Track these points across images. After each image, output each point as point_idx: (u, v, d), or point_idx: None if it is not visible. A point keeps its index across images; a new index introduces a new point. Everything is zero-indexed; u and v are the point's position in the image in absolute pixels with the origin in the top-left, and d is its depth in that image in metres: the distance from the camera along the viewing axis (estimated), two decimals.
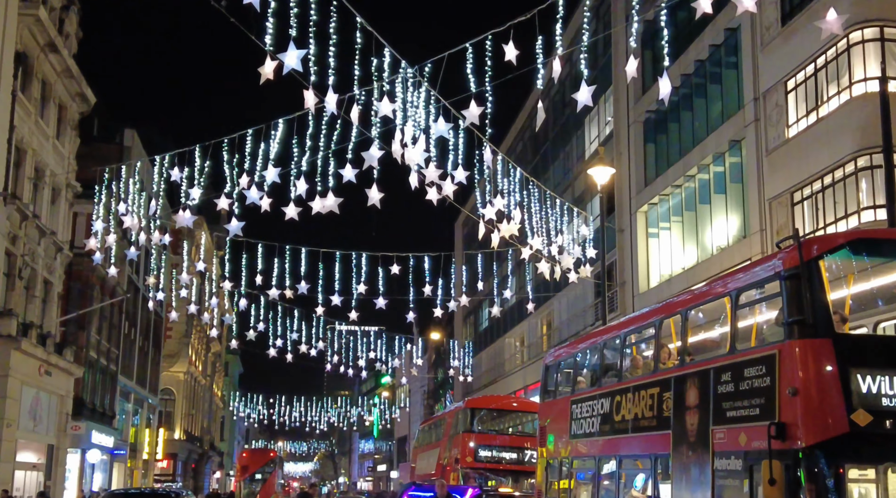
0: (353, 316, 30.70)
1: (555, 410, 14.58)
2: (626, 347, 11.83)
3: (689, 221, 27.13)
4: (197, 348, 65.60)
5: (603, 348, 12.60)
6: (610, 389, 12.07)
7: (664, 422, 10.18)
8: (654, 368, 10.93)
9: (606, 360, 12.61)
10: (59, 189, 30.78)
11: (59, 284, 31.01)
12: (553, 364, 15.25)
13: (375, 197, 16.87)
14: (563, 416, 13.74)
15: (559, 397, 14.56)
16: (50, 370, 28.42)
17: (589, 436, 12.58)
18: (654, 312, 11.44)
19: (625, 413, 11.30)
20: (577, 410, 13.14)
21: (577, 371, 13.79)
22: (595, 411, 12.40)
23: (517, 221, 20.69)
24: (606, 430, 11.94)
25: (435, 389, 79.89)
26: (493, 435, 23.70)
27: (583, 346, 13.86)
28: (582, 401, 13.07)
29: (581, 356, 13.76)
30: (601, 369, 12.63)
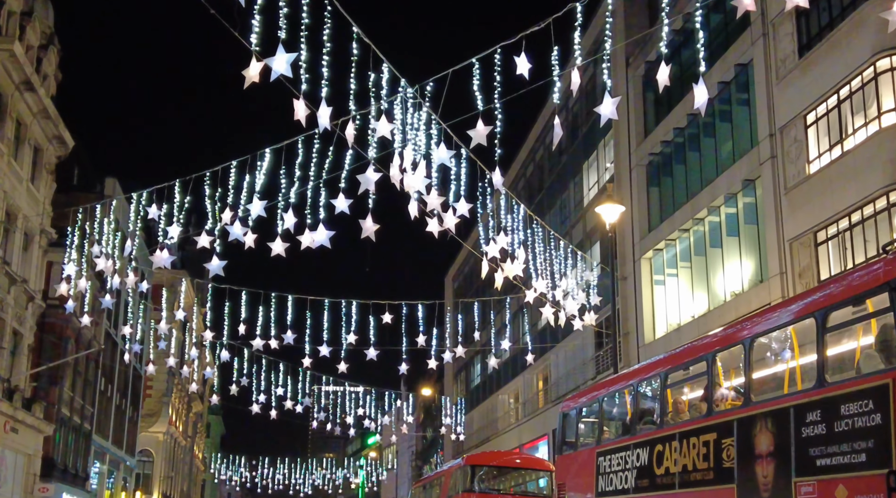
0: (342, 368, 29.01)
1: (576, 464, 12.91)
2: (667, 387, 10.26)
3: (699, 267, 25.73)
4: (177, 408, 63.25)
5: (637, 391, 11.02)
6: (647, 437, 10.48)
7: (725, 474, 8.58)
8: (707, 410, 9.34)
9: (642, 404, 11.02)
10: (32, 235, 29.16)
11: (29, 335, 29.18)
12: (572, 412, 13.62)
13: (370, 229, 15.30)
14: (587, 471, 12.10)
15: (581, 449, 12.90)
16: (16, 427, 26.44)
17: (621, 494, 10.93)
18: (707, 345, 9.86)
19: (669, 465, 9.70)
20: (605, 464, 11.50)
21: (603, 419, 12.17)
22: (629, 464, 10.78)
23: (521, 262, 19.30)
24: (644, 485, 10.30)
25: (424, 450, 77.42)
26: (495, 494, 21.81)
27: (610, 390, 12.25)
28: (611, 452, 11.44)
29: (608, 401, 12.15)
30: (635, 415, 11.03)
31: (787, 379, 8.46)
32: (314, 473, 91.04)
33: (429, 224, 15.86)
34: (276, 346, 26.71)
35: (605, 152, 34.22)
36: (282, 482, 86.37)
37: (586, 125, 36.85)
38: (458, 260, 61.72)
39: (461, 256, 60.48)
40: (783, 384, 8.48)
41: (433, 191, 14.60)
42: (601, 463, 11.66)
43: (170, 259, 18.70)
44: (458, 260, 61.99)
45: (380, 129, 13.80)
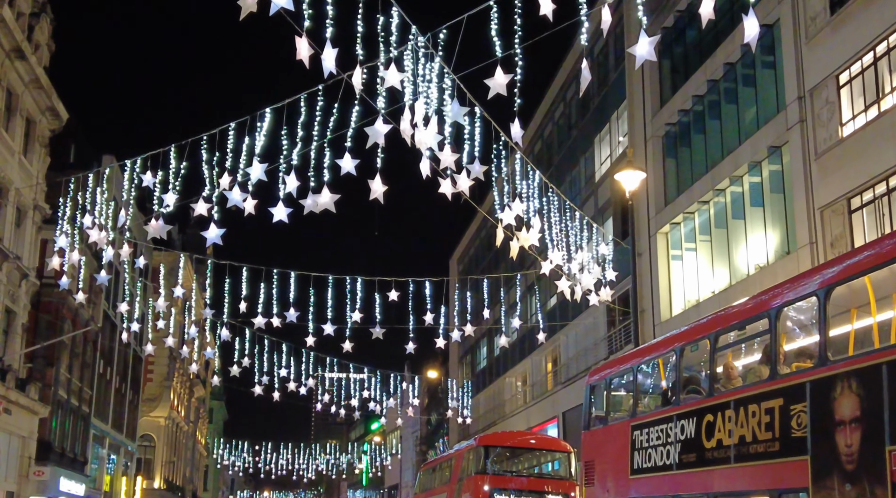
0: (347, 347, 27.94)
1: (606, 440, 11.87)
2: (717, 351, 9.19)
3: (720, 240, 24.64)
4: (179, 392, 62.38)
5: (680, 357, 9.95)
6: (694, 407, 9.43)
7: (795, 445, 7.53)
8: (770, 373, 8.26)
9: (686, 371, 9.95)
10: (24, 210, 28.11)
11: (23, 313, 28.16)
12: (601, 384, 12.56)
13: (379, 190, 14.21)
14: (620, 446, 11.06)
15: (612, 424, 11.85)
16: (9, 408, 25.47)
17: (662, 470, 9.90)
18: (768, 301, 8.71)
19: (721, 437, 8.66)
20: (642, 438, 10.47)
21: (639, 389, 11.11)
22: (671, 438, 9.74)
23: (536, 231, 18.24)
24: (691, 460, 9.26)
25: (429, 435, 76.56)
26: (509, 477, 20.82)
27: (646, 357, 11.17)
28: (649, 426, 10.39)
29: (644, 370, 11.08)
30: (678, 383, 9.97)
31: (876, 332, 7.38)
32: (318, 459, 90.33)
33: (441, 185, 14.81)
34: (279, 324, 25.67)
35: (617, 125, 33.08)
36: (285, 467, 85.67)
37: (598, 98, 35.69)
38: (464, 241, 60.63)
39: (467, 237, 59.39)
40: (871, 339, 7.40)
41: (447, 147, 13.51)
42: (637, 437, 10.62)
43: (165, 229, 17.71)
44: (463, 241, 60.89)
45: (389, 79, 12.71)
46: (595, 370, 13.40)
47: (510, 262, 43.72)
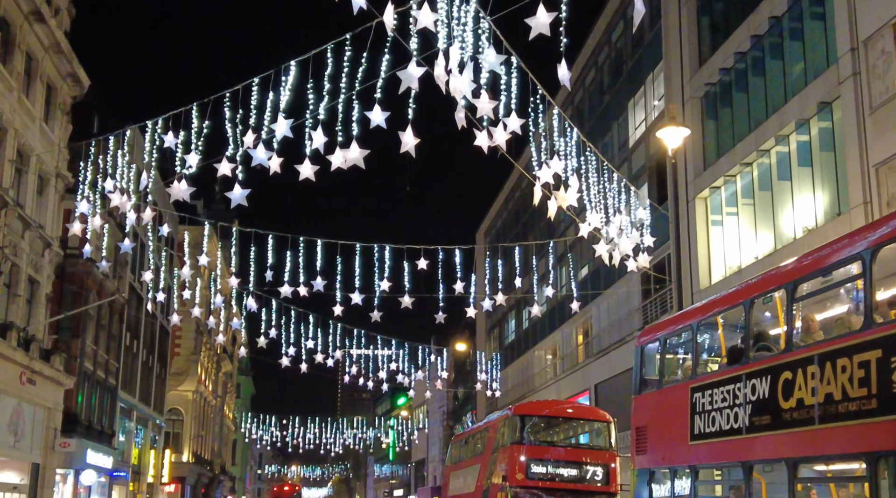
0: (375, 316, 27.25)
1: (660, 404, 11.06)
2: (796, 301, 8.32)
3: (763, 203, 23.60)
4: (206, 367, 62.29)
5: (750, 311, 9.09)
6: (768, 364, 8.59)
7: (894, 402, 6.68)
8: (865, 322, 7.39)
9: (757, 326, 9.10)
10: (47, 178, 27.58)
11: (47, 284, 27.70)
12: (652, 345, 11.72)
13: (410, 143, 13.39)
14: (678, 411, 10.25)
15: (668, 387, 11.02)
16: (34, 379, 25.06)
17: (730, 434, 9.08)
18: (855, 244, 7.79)
19: (803, 396, 7.83)
20: (704, 401, 9.65)
21: (699, 349, 10.26)
22: (740, 399, 8.92)
23: (575, 190, 17.39)
24: (765, 423, 8.43)
25: (455, 410, 76.09)
26: (546, 447, 20.02)
27: (707, 314, 10.29)
28: (712, 387, 9.56)
29: (705, 328, 10.23)
30: (748, 340, 9.12)
31: None
32: (345, 433, 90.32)
33: (477, 137, 13.96)
34: (306, 293, 25.03)
35: (652, 88, 31.96)
36: (312, 442, 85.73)
37: (631, 61, 34.56)
38: (491, 214, 59.72)
39: (494, 209, 58.48)
40: None
41: (483, 94, 12.66)
42: (698, 400, 9.80)
43: (189, 191, 17.02)
44: (490, 214, 59.99)
45: (421, 20, 11.88)
46: (646, 331, 12.55)
47: (541, 230, 42.83)
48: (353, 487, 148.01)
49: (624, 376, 33.62)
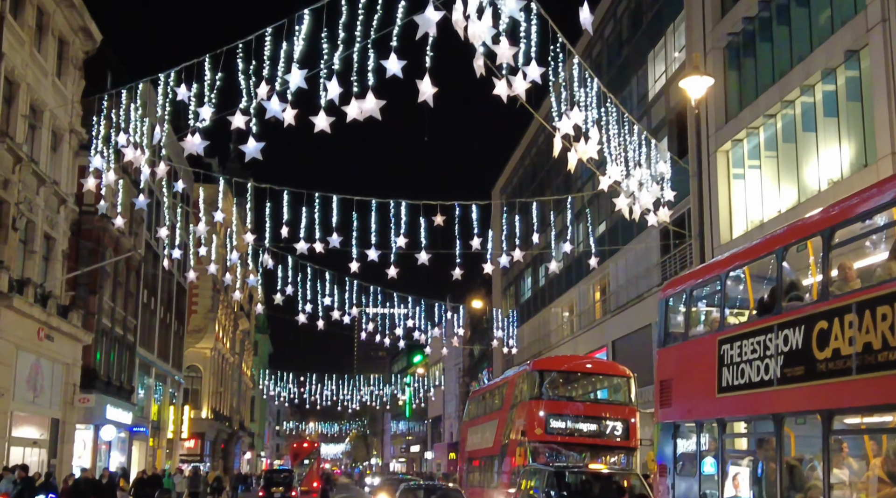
0: (392, 273, 27.04)
1: (686, 357, 10.82)
2: (832, 249, 8.00)
3: (787, 156, 23.14)
4: (224, 324, 62.63)
5: (781, 260, 8.79)
6: (802, 314, 8.32)
7: None
8: None
9: (789, 275, 8.81)
10: (60, 134, 27.38)
11: (63, 240, 27.65)
12: (678, 297, 11.45)
13: (428, 91, 13.04)
14: (705, 363, 10.01)
15: (693, 339, 10.78)
16: (51, 335, 25.11)
17: (760, 386, 8.85)
18: (890, 188, 7.46)
19: (839, 346, 7.57)
20: (733, 353, 9.40)
21: (727, 300, 9.99)
22: (771, 350, 8.67)
23: (595, 142, 17.02)
24: (798, 374, 8.18)
25: (471, 367, 76.35)
26: (565, 402, 19.92)
27: (737, 264, 9.96)
28: (741, 338, 9.30)
29: (734, 278, 9.93)
30: (780, 289, 8.83)
31: None
32: (362, 390, 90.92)
33: (496, 86, 13.61)
34: (322, 249, 24.83)
35: (673, 39, 31.30)
36: (329, 399, 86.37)
37: (651, 12, 33.85)
38: (507, 171, 59.25)
39: (510, 166, 57.99)
40: None
41: (503, 40, 12.29)
42: (726, 352, 9.55)
43: (202, 144, 16.73)
44: (506, 171, 59.51)
45: None
46: (671, 283, 12.28)
47: (559, 186, 42.42)
48: (370, 444, 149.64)
49: (642, 333, 33.45)
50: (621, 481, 15.73)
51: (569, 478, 15.57)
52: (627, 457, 19.12)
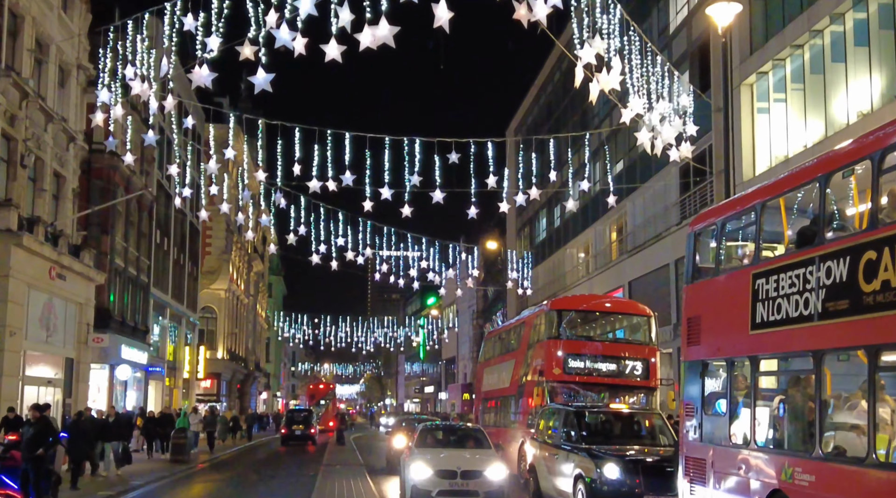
0: (406, 212, 26.56)
1: (716, 293, 10.35)
2: (884, 173, 7.44)
3: (815, 88, 22.37)
4: (238, 266, 62.57)
5: (824, 188, 8.24)
6: (847, 244, 7.80)
7: None
8: None
9: (832, 204, 8.28)
10: (67, 70, 26.78)
11: (73, 179, 27.25)
12: (708, 231, 10.93)
13: (444, 17, 12.44)
14: (738, 299, 9.54)
15: (725, 274, 10.29)
16: (63, 273, 24.87)
17: (798, 322, 8.38)
18: None
19: (889, 277, 7.07)
20: (768, 287, 8.92)
21: (762, 231, 9.47)
22: (811, 284, 8.18)
23: (617, 72, 16.34)
24: (842, 308, 7.70)
25: (485, 309, 76.30)
26: (584, 342, 19.55)
27: (775, 195, 9.35)
28: (778, 272, 8.80)
29: (771, 209, 9.36)
30: (821, 219, 8.28)
31: None
32: (376, 332, 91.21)
33: (517, 10, 12.95)
34: (335, 188, 24.32)
35: None
36: (344, 340, 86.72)
37: None
38: (522, 110, 58.31)
39: (526, 102, 57.03)
40: None
41: None
42: (761, 287, 9.06)
43: (210, 77, 16.18)
44: (520, 111, 58.57)
45: None
46: (701, 216, 11.74)
47: (575, 124, 41.61)
48: (385, 385, 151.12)
49: (659, 273, 33.03)
50: (643, 421, 15.40)
51: (589, 418, 15.21)
52: (647, 397, 18.80)
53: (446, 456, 15.49)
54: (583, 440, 14.27)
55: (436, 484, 14.58)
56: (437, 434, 17.54)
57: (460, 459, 15.27)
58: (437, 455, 15.48)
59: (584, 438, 14.35)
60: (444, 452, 15.93)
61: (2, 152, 22.45)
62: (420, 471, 14.83)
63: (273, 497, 17.79)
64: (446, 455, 15.58)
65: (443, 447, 16.39)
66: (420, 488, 14.71)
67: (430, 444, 16.58)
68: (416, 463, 15.06)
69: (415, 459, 15.23)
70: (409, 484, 15.11)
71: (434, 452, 15.78)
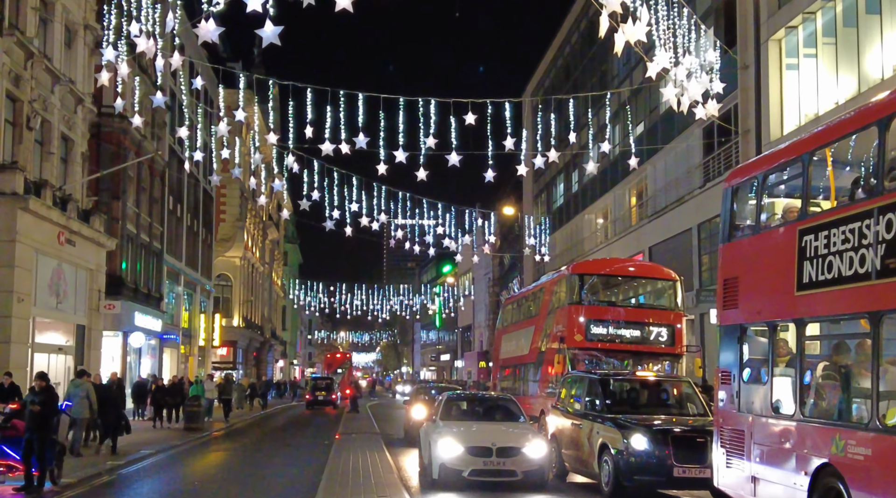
0: (421, 175, 25.80)
1: (757, 251, 9.62)
2: None
3: (847, 42, 21.40)
4: (253, 234, 62.16)
5: (884, 132, 7.46)
6: None
7: None
8: None
9: (890, 151, 7.48)
10: (74, 30, 26.08)
11: (82, 142, 26.67)
12: (747, 185, 10.17)
13: None
14: (782, 257, 8.82)
15: (767, 231, 9.55)
16: (72, 239, 24.38)
17: (853, 281, 7.66)
18: None
19: None
20: (817, 244, 8.19)
21: (810, 184, 8.72)
22: (867, 239, 7.45)
23: (644, 24, 15.50)
24: None
25: (501, 276, 75.70)
26: (607, 307, 18.87)
27: (825, 143, 8.55)
28: (830, 227, 8.07)
29: (820, 159, 8.57)
30: (880, 168, 7.52)
31: None
32: (391, 300, 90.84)
33: None
34: (348, 150, 23.59)
35: None
36: (360, 308, 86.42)
37: None
38: (539, 72, 57.17)
39: (543, 67, 55.90)
40: None
41: None
42: (809, 244, 8.32)
43: (217, 31, 15.46)
44: (538, 72, 57.42)
45: None
46: (738, 170, 10.94)
47: (594, 86, 40.60)
48: (401, 353, 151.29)
49: (681, 237, 32.23)
50: (671, 389, 14.67)
51: (614, 386, 14.50)
52: (672, 364, 18.15)
53: (477, 430, 13.86)
54: (608, 409, 13.61)
55: (468, 463, 12.88)
56: (464, 404, 15.89)
57: (494, 433, 13.58)
58: (467, 429, 13.82)
59: (609, 407, 13.69)
60: (474, 425, 14.35)
61: (7, 114, 21.85)
62: (449, 448, 13.06)
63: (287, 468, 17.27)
64: (477, 429, 13.98)
65: (472, 420, 14.80)
66: (449, 468, 12.98)
67: (457, 415, 15.00)
68: (444, 439, 13.25)
69: (442, 434, 13.46)
70: (435, 462, 13.28)
71: (463, 425, 14.16)
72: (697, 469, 11.82)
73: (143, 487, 14.59)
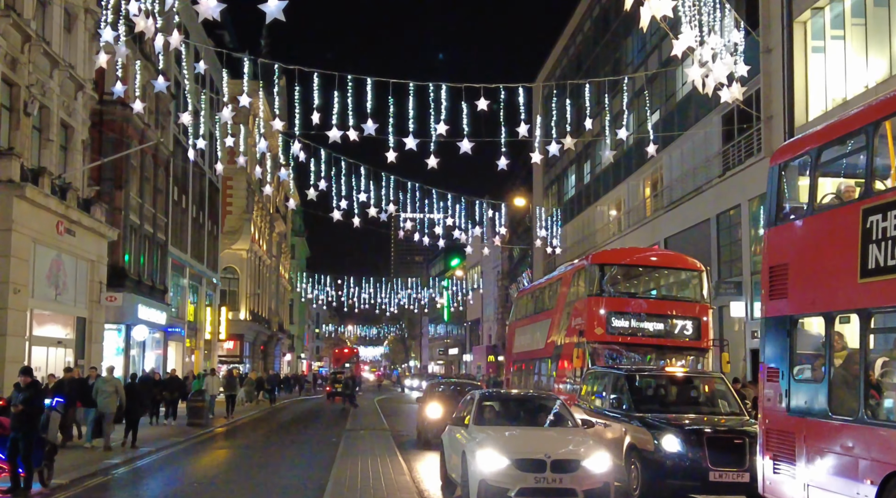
0: (432, 162, 24.93)
1: (810, 235, 8.74)
2: None
3: (878, 22, 20.45)
4: (260, 226, 61.40)
5: None
6: None
7: None
8: None
9: None
10: (74, 13, 25.27)
11: (82, 129, 25.87)
12: (797, 163, 9.29)
13: None
14: (840, 241, 7.96)
15: (823, 212, 8.65)
16: (72, 228, 23.59)
17: None
18: None
19: None
20: (885, 225, 7.32)
21: (875, 158, 7.83)
22: None
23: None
24: None
25: (510, 269, 74.84)
26: (628, 299, 17.96)
27: (889, 114, 7.67)
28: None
29: (886, 130, 7.65)
30: None
31: None
32: (399, 293, 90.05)
33: None
34: (356, 137, 22.73)
35: None
36: (367, 302, 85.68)
37: None
38: (551, 60, 56.20)
39: (555, 55, 54.93)
40: None
41: None
42: (875, 225, 7.45)
43: (218, 7, 14.60)
44: (549, 60, 56.46)
45: None
46: (787, 147, 10.01)
47: (607, 74, 39.60)
48: (409, 346, 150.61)
49: (699, 228, 31.31)
50: (702, 386, 13.73)
51: (640, 382, 13.60)
52: (697, 358, 17.26)
53: (524, 438, 11.33)
54: (635, 407, 12.73)
55: (516, 479, 10.32)
56: (500, 405, 13.05)
57: (545, 442, 11.10)
58: (511, 438, 11.28)
59: (637, 404, 12.81)
60: (517, 431, 11.78)
61: (2, 99, 21.05)
62: (491, 460, 10.53)
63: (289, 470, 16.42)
64: (523, 437, 11.43)
65: (513, 425, 12.10)
66: (492, 485, 10.42)
67: (493, 419, 12.28)
68: (483, 449, 10.73)
69: (481, 444, 10.91)
70: (473, 478, 10.73)
71: (503, 431, 11.57)
72: (735, 473, 10.95)
73: (138, 489, 13.78)
